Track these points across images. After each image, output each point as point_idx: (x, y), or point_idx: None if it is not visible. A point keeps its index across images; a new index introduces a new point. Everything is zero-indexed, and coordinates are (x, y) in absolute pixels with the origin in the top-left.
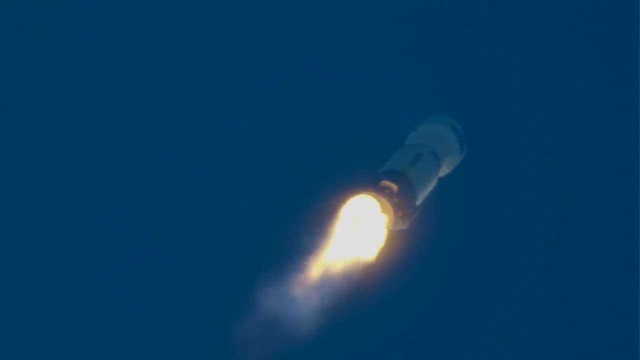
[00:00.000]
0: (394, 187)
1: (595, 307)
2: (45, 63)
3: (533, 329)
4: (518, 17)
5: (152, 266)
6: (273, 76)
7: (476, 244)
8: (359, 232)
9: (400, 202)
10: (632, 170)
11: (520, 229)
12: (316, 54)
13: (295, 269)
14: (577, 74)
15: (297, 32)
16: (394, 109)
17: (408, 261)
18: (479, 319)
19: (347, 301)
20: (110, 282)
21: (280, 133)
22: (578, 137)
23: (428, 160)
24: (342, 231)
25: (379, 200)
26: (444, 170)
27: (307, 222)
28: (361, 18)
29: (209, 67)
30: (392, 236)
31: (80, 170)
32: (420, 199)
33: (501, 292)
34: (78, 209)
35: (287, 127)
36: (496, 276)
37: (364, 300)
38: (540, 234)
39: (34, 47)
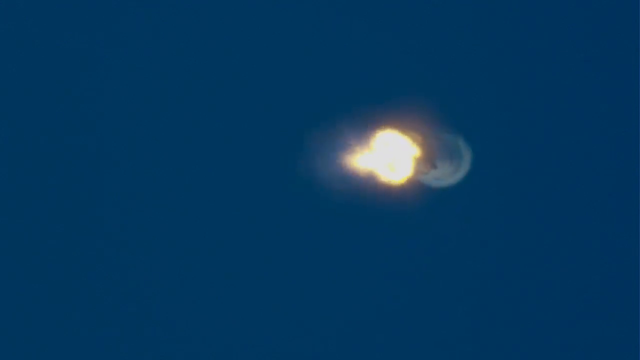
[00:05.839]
0: (420, 138)
1: (595, 307)
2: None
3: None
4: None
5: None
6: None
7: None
8: (394, 147)
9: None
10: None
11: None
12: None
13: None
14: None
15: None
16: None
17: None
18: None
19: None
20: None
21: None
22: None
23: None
24: (381, 141)
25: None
26: (445, 174)
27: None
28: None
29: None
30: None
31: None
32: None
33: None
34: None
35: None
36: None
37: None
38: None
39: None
